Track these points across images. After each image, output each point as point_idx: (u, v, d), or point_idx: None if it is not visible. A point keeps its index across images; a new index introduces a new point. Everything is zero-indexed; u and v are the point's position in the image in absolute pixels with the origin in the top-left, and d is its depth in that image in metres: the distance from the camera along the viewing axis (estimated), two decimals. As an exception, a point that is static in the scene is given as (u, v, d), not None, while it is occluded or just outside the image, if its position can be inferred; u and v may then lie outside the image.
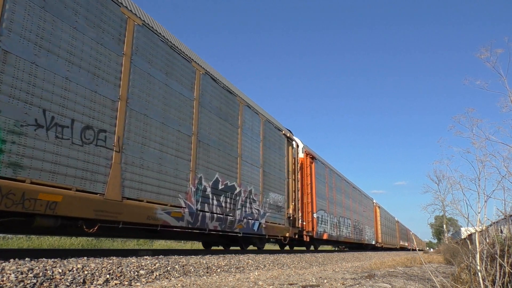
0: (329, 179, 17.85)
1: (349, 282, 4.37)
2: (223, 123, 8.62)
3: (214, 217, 7.80)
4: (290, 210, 11.91)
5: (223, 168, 8.40)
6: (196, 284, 4.01)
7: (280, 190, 11.50)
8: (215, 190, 7.97)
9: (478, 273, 2.89)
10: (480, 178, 3.09)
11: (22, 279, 3.07)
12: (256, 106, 10.59)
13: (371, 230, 27.43)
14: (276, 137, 11.73)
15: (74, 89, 4.93)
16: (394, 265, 8.26)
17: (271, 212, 10.66)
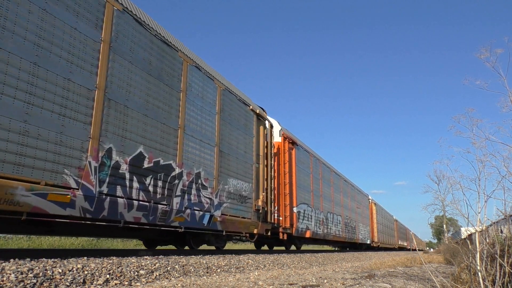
0: (315, 169, 15.86)
1: (349, 282, 4.37)
2: (155, 83, 6.53)
3: (135, 205, 5.75)
4: (260, 201, 9.88)
5: (153, 141, 6.33)
6: (196, 284, 4.01)
7: (245, 176, 9.44)
8: (136, 168, 5.87)
9: (478, 273, 2.89)
10: (480, 178, 3.09)
11: (22, 279, 3.07)
12: (210, 70, 8.49)
13: (366, 229, 25.74)
14: (241, 112, 9.65)
15: None
16: (394, 265, 8.26)
17: (231, 202, 8.64)
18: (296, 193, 13.03)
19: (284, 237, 11.90)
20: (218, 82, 8.70)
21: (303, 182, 14.16)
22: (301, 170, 14.05)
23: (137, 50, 6.26)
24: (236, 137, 9.27)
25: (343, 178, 21.36)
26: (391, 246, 36.93)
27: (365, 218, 25.95)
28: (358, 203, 24.39)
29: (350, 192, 22.46)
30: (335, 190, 19.04)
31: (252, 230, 9.51)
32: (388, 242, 35.05)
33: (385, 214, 35.55)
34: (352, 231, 21.51)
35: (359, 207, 24.47)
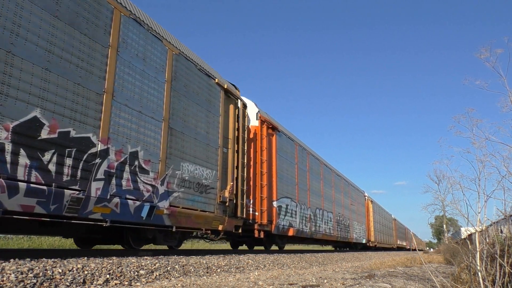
0: (301, 160, 14.14)
1: (349, 282, 4.37)
2: (63, 28, 4.96)
3: (21, 188, 4.21)
4: (227, 192, 8.32)
5: (58, 104, 4.78)
6: (196, 284, 4.01)
7: (207, 162, 7.81)
8: (27, 139, 4.38)
9: (478, 273, 2.89)
10: (480, 178, 3.10)
11: (22, 279, 3.07)
12: (159, 28, 6.99)
13: (361, 227, 24.24)
14: (202, 85, 7.97)
15: None
16: (394, 265, 8.26)
17: (185, 192, 7.03)
18: (276, 185, 11.32)
19: (261, 235, 10.15)
20: (169, 44, 7.06)
21: (286, 173, 12.43)
22: (284, 159, 12.33)
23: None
24: (195, 113, 7.54)
25: (335, 172, 19.61)
26: (389, 246, 35.70)
27: (361, 216, 24.50)
28: (353, 200, 22.79)
29: (343, 187, 20.72)
30: (326, 184, 17.29)
31: (215, 226, 7.89)
32: (386, 241, 33.83)
33: (383, 212, 34.32)
34: (345, 230, 19.89)
35: (354, 204, 22.86)
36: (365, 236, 25.10)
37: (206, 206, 7.68)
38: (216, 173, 8.14)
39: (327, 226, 16.70)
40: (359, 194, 25.20)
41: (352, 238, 21.24)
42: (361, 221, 24.30)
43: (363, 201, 26.38)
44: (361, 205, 25.08)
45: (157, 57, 6.73)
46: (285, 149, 12.59)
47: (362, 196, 26.20)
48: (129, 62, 6.06)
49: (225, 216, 8.23)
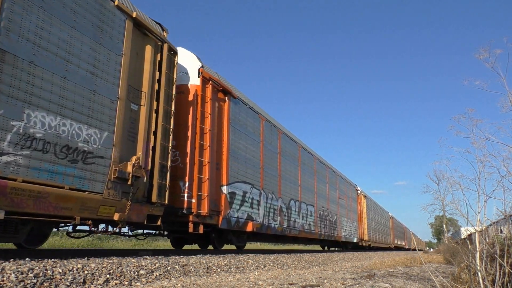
0: (269, 139, 11.40)
1: (349, 282, 4.38)
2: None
3: None
4: (130, 166, 5.80)
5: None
6: (196, 284, 4.02)
7: (90, 117, 5.24)
8: None
9: (478, 273, 2.89)
10: (480, 178, 3.10)
11: (22, 279, 3.07)
12: None
13: (352, 225, 21.76)
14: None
15: None
16: (394, 265, 8.27)
17: (33, 157, 4.48)
18: (228, 165, 8.70)
19: (200, 230, 7.47)
20: None
21: (245, 153, 9.72)
22: (242, 134, 9.61)
23: None
24: (64, 39, 4.98)
25: (319, 158, 16.73)
26: (385, 245, 33.19)
27: (352, 212, 21.96)
28: (342, 193, 20.30)
29: (329, 178, 18.14)
30: (305, 172, 14.60)
31: (106, 214, 5.44)
32: (383, 241, 31.24)
33: (379, 209, 31.69)
34: (331, 227, 17.21)
35: (343, 198, 20.32)
36: (357, 234, 22.65)
37: (86, 184, 5.11)
38: (109, 136, 5.57)
39: (306, 221, 13.82)
40: (350, 187, 22.59)
41: (340, 236, 18.68)
42: (352, 217, 21.84)
43: (355, 195, 23.81)
44: (352, 200, 22.63)
45: None
46: (243, 121, 9.77)
47: (353, 190, 23.67)
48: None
49: (126, 200, 5.68)
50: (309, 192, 14.87)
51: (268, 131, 11.50)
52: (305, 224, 13.77)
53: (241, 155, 9.56)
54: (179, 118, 7.64)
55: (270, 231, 10.71)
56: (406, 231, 55.35)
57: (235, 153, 9.24)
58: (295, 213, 12.95)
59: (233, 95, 9.29)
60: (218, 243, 9.65)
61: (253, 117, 10.57)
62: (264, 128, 11.17)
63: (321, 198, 16.34)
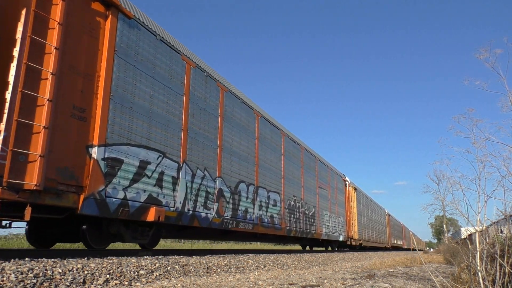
0: (200, 93, 8.12)
1: (349, 282, 4.37)
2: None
3: None
4: None
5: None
6: (196, 284, 4.01)
7: None
8: None
9: (478, 273, 2.89)
10: (480, 178, 3.10)
11: (22, 279, 3.07)
12: None
13: (338, 220, 18.56)
14: None
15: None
16: (394, 265, 8.26)
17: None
18: (106, 115, 5.60)
19: (25, 215, 4.31)
20: None
21: (150, 104, 6.58)
22: (142, 74, 6.44)
23: None
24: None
25: (289, 135, 13.20)
26: (381, 245, 29.73)
27: (337, 206, 18.60)
28: (323, 182, 16.75)
29: (305, 161, 14.54)
30: (268, 150, 11.19)
31: None
32: (377, 240, 28.10)
33: (372, 205, 28.09)
34: (306, 221, 13.77)
35: (325, 187, 16.85)
36: (344, 231, 19.39)
37: None
38: None
39: (267, 213, 10.54)
40: (335, 176, 18.65)
41: (319, 233, 15.36)
42: (337, 212, 18.49)
43: (342, 186, 19.98)
44: (338, 192, 19.17)
45: None
46: (146, 55, 6.58)
47: (340, 181, 19.82)
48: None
49: None
50: (274, 175, 11.37)
51: (198, 81, 8.09)
52: (265, 216, 10.39)
53: (140, 106, 6.33)
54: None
55: (199, 222, 7.47)
56: (404, 230, 52.44)
57: (127, 101, 6.03)
58: (248, 200, 9.60)
59: (123, 11, 6.05)
60: (95, 240, 6.16)
61: (169, 55, 7.23)
62: (192, 75, 7.86)
63: (292, 185, 12.75)
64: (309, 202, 14.49)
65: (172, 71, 7.29)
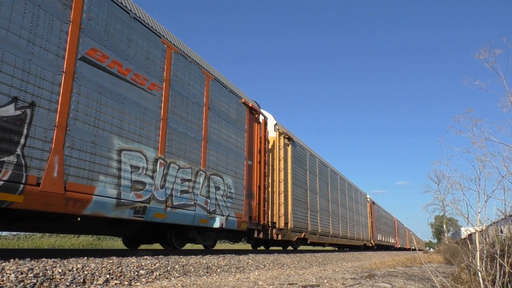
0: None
1: (349, 282, 4.37)
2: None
3: None
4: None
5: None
6: (196, 284, 4.01)
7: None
8: None
9: (478, 273, 2.89)
10: (480, 178, 3.10)
11: (22, 279, 3.07)
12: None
13: (225, 187, 9.58)
14: None
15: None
16: (394, 265, 8.27)
17: None
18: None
19: None
20: None
21: None
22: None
23: None
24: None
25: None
26: (352, 242, 21.38)
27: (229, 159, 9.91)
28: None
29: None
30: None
31: None
32: (346, 234, 20.05)
33: (338, 181, 19.87)
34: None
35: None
36: (241, 209, 8.97)
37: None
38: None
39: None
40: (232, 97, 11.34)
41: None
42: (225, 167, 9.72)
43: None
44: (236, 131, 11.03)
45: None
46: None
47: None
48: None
49: None
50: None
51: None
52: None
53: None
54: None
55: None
56: (397, 225, 42.39)
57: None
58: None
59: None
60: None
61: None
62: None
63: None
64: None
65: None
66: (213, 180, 8.01)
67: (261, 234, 10.34)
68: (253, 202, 9.83)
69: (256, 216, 9.88)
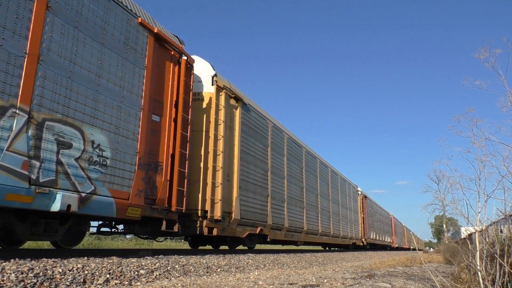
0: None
1: (349, 282, 4.38)
2: None
3: None
4: None
5: None
6: (196, 284, 4.02)
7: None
8: None
9: (478, 272, 2.89)
10: (480, 178, 3.10)
11: (22, 279, 3.08)
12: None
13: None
14: None
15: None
16: (394, 265, 8.27)
17: None
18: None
19: None
20: None
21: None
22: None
23: None
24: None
25: None
26: (328, 239, 16.79)
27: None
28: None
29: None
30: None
31: None
32: (314, 228, 14.75)
33: (301, 153, 14.55)
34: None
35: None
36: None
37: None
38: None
39: None
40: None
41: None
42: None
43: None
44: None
45: None
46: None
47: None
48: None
49: None
50: None
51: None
52: None
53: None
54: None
55: None
56: (394, 223, 39.38)
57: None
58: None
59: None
60: None
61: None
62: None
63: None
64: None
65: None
66: (52, 130, 4.65)
67: (176, 226, 6.82)
68: (159, 178, 6.43)
69: (165, 199, 6.50)
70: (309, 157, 15.51)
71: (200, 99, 8.51)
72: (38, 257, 4.27)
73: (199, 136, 8.16)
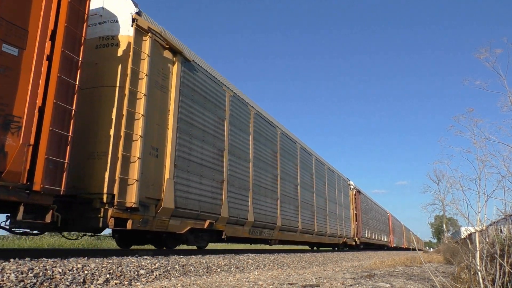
0: None
1: (349, 282, 4.37)
2: None
3: None
4: None
5: None
6: (196, 284, 4.01)
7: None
8: None
9: (478, 272, 2.89)
10: (480, 178, 3.10)
11: (22, 279, 3.07)
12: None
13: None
14: None
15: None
16: (394, 265, 8.27)
17: None
18: None
19: None
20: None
21: None
22: None
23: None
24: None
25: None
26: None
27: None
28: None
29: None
30: None
31: None
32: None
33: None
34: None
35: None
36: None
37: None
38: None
39: None
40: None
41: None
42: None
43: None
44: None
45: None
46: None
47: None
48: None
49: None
50: None
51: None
52: None
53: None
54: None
55: None
56: (392, 221, 37.02)
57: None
58: None
59: None
60: None
61: None
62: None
63: None
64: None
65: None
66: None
67: (48, 215, 4.51)
68: (11, 140, 4.16)
69: (21, 172, 4.16)
70: (287, 140, 12.98)
71: (113, 44, 6.24)
72: (37, 257, 4.27)
73: (110, 93, 5.97)
